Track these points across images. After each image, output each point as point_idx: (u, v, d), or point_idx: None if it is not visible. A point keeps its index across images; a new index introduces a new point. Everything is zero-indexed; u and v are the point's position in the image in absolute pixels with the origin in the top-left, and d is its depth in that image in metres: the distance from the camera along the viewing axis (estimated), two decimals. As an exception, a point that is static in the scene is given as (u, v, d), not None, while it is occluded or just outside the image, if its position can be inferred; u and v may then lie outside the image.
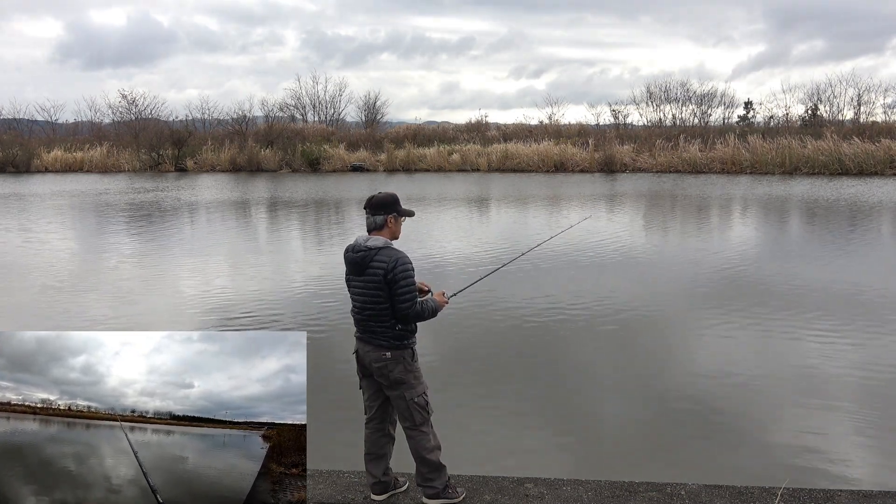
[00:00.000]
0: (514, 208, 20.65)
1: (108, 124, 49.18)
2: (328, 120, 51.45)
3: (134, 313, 9.19)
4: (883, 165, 29.95)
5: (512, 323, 8.52)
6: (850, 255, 12.64)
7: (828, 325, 8.27)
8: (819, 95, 43.14)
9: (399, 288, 3.67)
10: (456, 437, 5.37)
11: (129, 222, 18.27)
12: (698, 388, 6.40)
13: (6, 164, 38.66)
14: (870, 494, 4.07)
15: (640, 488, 4.10)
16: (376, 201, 3.85)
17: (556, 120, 46.58)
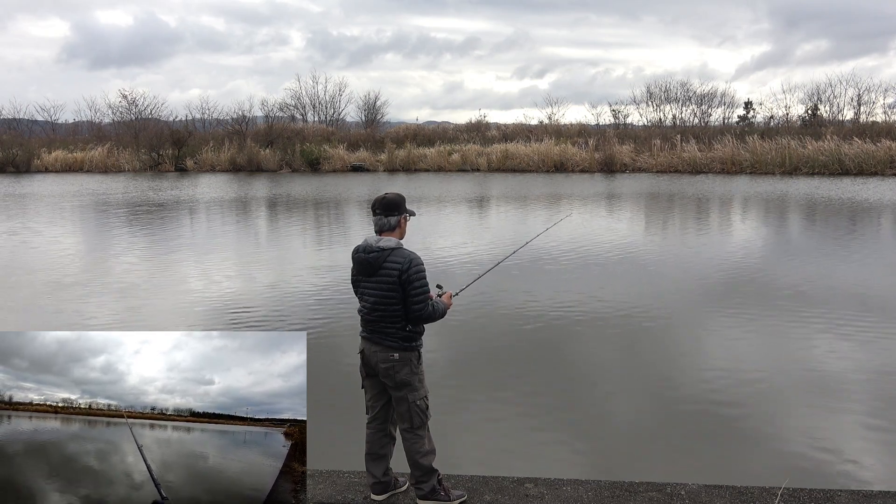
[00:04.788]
0: (515, 208, 20.66)
1: (109, 124, 49.25)
2: (328, 120, 51.46)
3: (135, 311, 9.19)
4: (883, 165, 29.97)
5: (512, 323, 8.53)
6: (853, 255, 12.66)
7: (829, 325, 8.29)
8: (819, 95, 43.22)
9: (413, 289, 3.70)
10: (456, 437, 5.40)
11: (132, 222, 18.28)
12: (698, 388, 6.41)
13: (6, 165, 38.66)
14: (870, 494, 4.08)
15: (640, 488, 4.11)
16: (388, 202, 3.84)
17: (556, 120, 46.65)
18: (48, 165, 39.73)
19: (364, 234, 3.96)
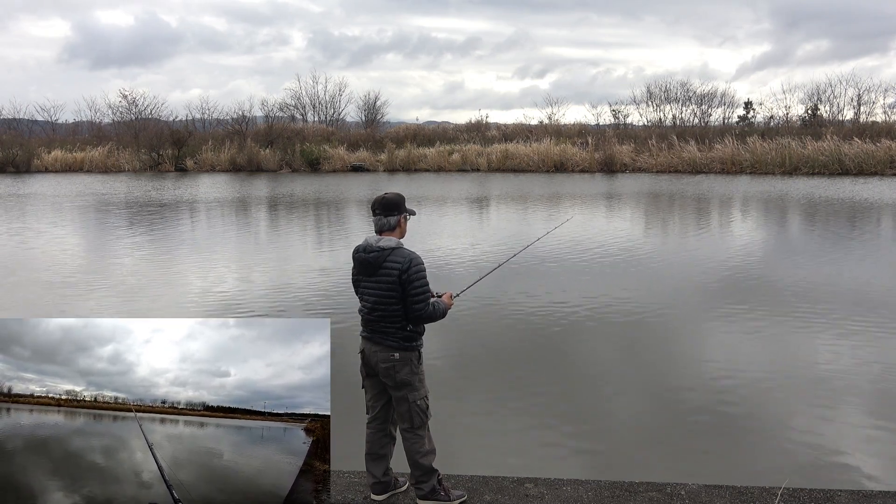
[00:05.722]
0: (515, 208, 20.65)
1: (108, 124, 49.25)
2: (328, 120, 51.47)
3: (135, 306, 9.20)
4: (883, 165, 29.98)
5: (512, 323, 8.53)
6: (853, 255, 12.66)
7: (829, 324, 8.29)
8: (819, 95, 43.24)
9: (413, 288, 3.70)
10: (456, 437, 5.40)
11: (137, 221, 18.28)
12: (698, 389, 6.41)
13: (6, 164, 38.65)
14: (870, 494, 4.08)
15: (640, 488, 4.11)
16: (388, 202, 3.85)
17: (556, 120, 46.66)
18: (48, 165, 39.71)
19: (371, 234, 3.93)
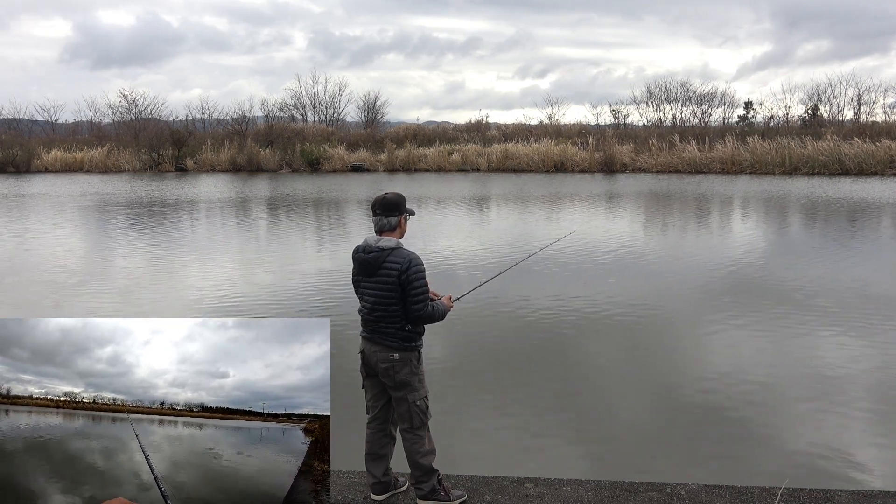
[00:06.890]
0: (515, 208, 20.65)
1: (108, 124, 49.26)
2: (328, 120, 51.48)
3: (135, 306, 9.19)
4: (883, 165, 29.97)
5: (512, 324, 8.53)
6: (853, 255, 12.65)
7: (829, 324, 8.28)
8: (819, 95, 43.26)
9: (413, 289, 3.70)
10: (456, 437, 5.39)
11: (140, 222, 18.27)
12: (699, 389, 6.41)
13: (6, 164, 38.66)
14: (870, 494, 4.08)
15: (640, 488, 4.11)
16: (388, 202, 3.84)
17: (556, 120, 46.68)
18: (48, 165, 39.72)
19: (371, 234, 3.93)
